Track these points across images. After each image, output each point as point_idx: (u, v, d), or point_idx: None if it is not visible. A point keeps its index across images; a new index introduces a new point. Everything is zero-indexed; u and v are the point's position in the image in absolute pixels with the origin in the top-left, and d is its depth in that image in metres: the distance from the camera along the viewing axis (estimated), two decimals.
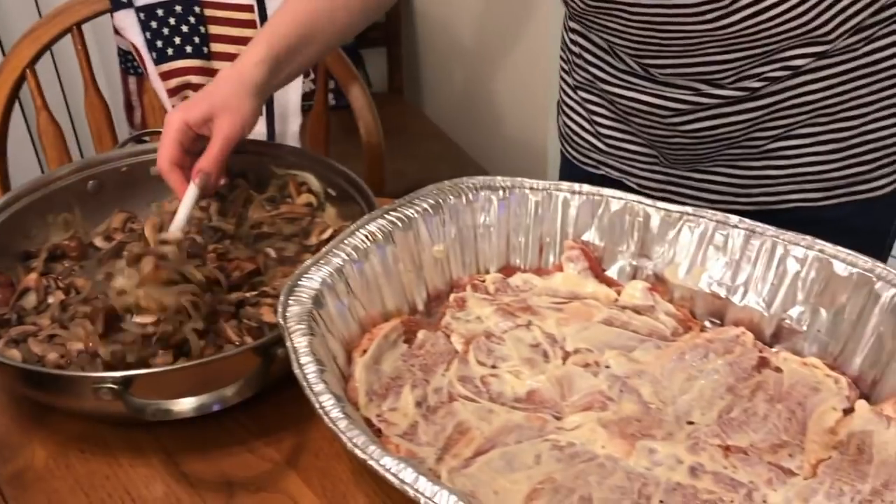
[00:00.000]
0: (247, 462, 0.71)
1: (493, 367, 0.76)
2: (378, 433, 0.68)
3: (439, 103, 2.43)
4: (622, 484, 0.65)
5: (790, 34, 0.81)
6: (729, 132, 0.90)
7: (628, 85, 0.93)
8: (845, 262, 0.74)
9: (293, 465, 0.70)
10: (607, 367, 0.75)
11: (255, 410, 0.75)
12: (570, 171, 1.10)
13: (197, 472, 0.70)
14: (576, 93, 1.04)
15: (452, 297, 0.83)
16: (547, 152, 2.11)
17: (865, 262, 0.73)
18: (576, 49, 1.01)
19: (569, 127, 1.08)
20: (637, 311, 0.82)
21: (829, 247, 0.75)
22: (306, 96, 1.37)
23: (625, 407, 0.71)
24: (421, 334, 0.78)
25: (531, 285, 0.86)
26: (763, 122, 0.89)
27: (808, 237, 0.76)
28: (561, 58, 1.08)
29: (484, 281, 0.85)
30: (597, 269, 0.86)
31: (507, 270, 0.87)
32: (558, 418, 0.71)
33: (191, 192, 0.86)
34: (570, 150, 1.10)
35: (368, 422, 0.69)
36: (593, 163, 1.06)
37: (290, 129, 1.26)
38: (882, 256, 0.95)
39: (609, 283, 0.85)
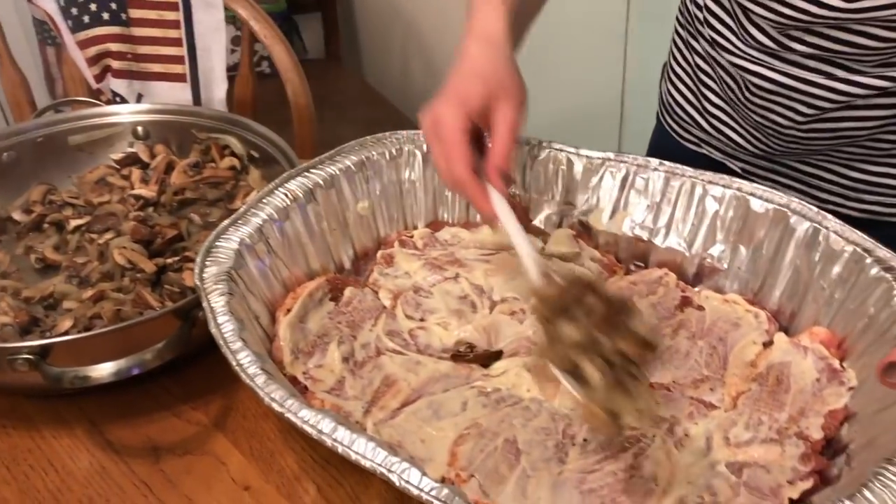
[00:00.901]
0: (173, 426, 0.70)
1: (422, 320, 0.76)
2: (304, 391, 0.68)
3: (378, 69, 2.41)
4: (546, 425, 0.65)
5: None
6: (854, 129, 0.78)
7: (755, 60, 0.80)
8: (762, 198, 0.74)
9: (220, 427, 0.70)
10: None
11: (182, 375, 0.74)
12: (666, 145, 0.97)
13: (122, 440, 0.69)
14: (692, 58, 0.91)
15: (380, 253, 0.83)
16: None
17: (781, 197, 0.74)
18: (701, 15, 0.86)
19: (672, 96, 0.95)
20: (563, 258, 0.82)
21: (745, 184, 0.76)
22: (232, 68, 1.34)
23: None
24: (348, 291, 0.77)
25: (459, 239, 0.85)
26: (894, 124, 0.78)
27: (726, 176, 0.77)
28: (678, 20, 0.94)
29: (412, 237, 0.85)
30: (524, 219, 0.85)
31: (436, 225, 0.87)
32: (485, 366, 0.71)
33: (506, 207, 0.69)
34: (669, 121, 0.97)
35: (294, 380, 0.68)
36: (695, 140, 0.94)
37: (216, 95, 1.24)
38: None
39: (536, 232, 0.85)
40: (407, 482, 0.52)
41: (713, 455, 0.63)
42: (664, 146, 0.98)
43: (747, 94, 0.83)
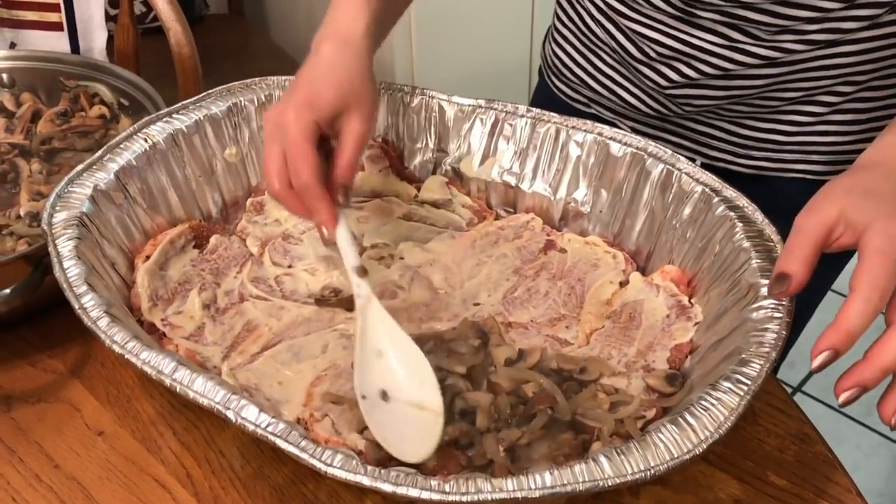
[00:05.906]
0: (27, 375, 0.69)
1: (289, 266, 0.76)
2: (162, 338, 0.67)
3: (283, 24, 2.36)
4: None
5: None
6: (745, 87, 0.80)
7: (654, 26, 0.80)
8: (621, 142, 0.76)
9: (77, 374, 0.69)
10: (401, 258, 0.76)
11: (41, 324, 0.73)
12: (553, 105, 0.95)
13: None
14: (581, 21, 0.90)
15: (250, 201, 0.82)
16: (394, 71, 2.08)
17: (639, 141, 0.76)
18: None
19: (559, 58, 0.95)
20: (435, 205, 0.83)
21: (606, 129, 0.77)
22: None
23: (414, 294, 0.73)
24: (213, 239, 0.76)
25: None
26: (785, 83, 0.79)
27: (589, 122, 0.78)
28: None
29: None
30: (398, 166, 0.86)
31: None
32: (350, 310, 0.72)
33: (343, 220, 0.67)
34: (557, 83, 0.97)
35: (153, 327, 0.68)
36: (584, 100, 0.95)
37: (96, 45, 1.20)
38: None
39: (410, 179, 0.86)
40: (244, 419, 0.52)
41: None
42: (551, 107, 0.93)
43: (641, 56, 0.83)
